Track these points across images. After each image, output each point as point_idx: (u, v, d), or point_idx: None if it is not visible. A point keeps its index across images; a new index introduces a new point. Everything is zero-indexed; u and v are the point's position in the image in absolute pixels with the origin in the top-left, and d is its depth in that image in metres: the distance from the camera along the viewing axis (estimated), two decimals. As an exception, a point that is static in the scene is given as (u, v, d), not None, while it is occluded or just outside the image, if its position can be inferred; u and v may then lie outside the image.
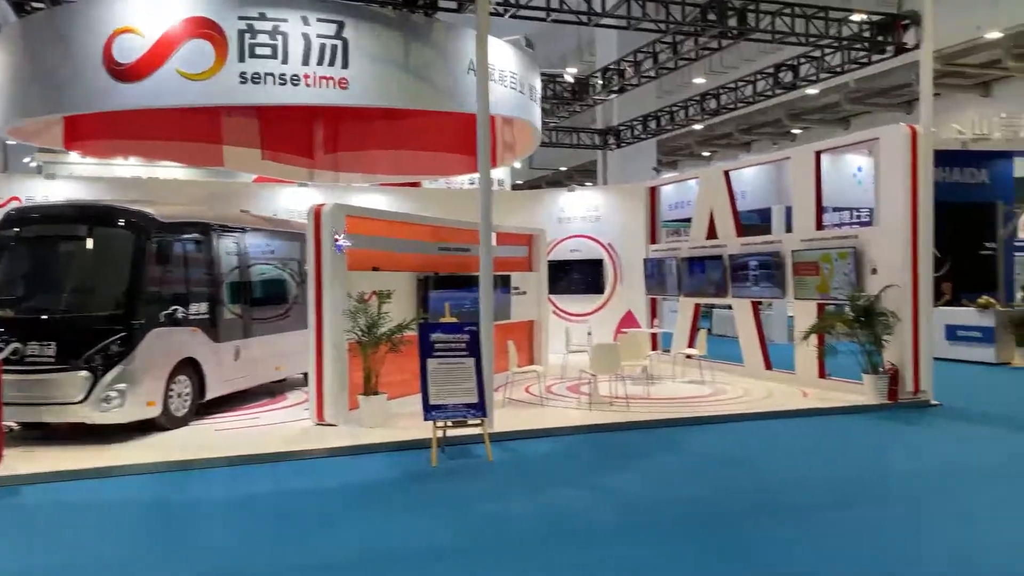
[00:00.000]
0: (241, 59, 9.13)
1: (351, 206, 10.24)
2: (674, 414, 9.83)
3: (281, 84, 9.19)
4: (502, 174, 21.23)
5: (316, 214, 9.24)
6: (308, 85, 9.24)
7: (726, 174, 14.09)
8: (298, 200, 14.56)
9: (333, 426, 9.03)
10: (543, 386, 11.36)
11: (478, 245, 9.03)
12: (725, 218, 13.96)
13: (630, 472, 7.42)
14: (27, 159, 23.76)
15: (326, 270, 9.15)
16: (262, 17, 9.08)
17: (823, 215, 12.61)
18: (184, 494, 6.81)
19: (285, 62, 9.16)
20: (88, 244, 9.06)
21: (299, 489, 6.92)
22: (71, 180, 15.20)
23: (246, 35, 9.05)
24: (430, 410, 7.73)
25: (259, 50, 9.16)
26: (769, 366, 13.14)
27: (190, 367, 9.28)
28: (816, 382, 11.87)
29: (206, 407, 9.69)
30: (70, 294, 8.86)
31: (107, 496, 6.74)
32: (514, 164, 25.46)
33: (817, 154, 12.27)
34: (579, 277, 16.74)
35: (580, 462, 7.90)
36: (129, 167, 20.54)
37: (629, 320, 16.30)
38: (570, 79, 17.02)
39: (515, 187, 29.26)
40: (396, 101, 9.88)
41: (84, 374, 8.12)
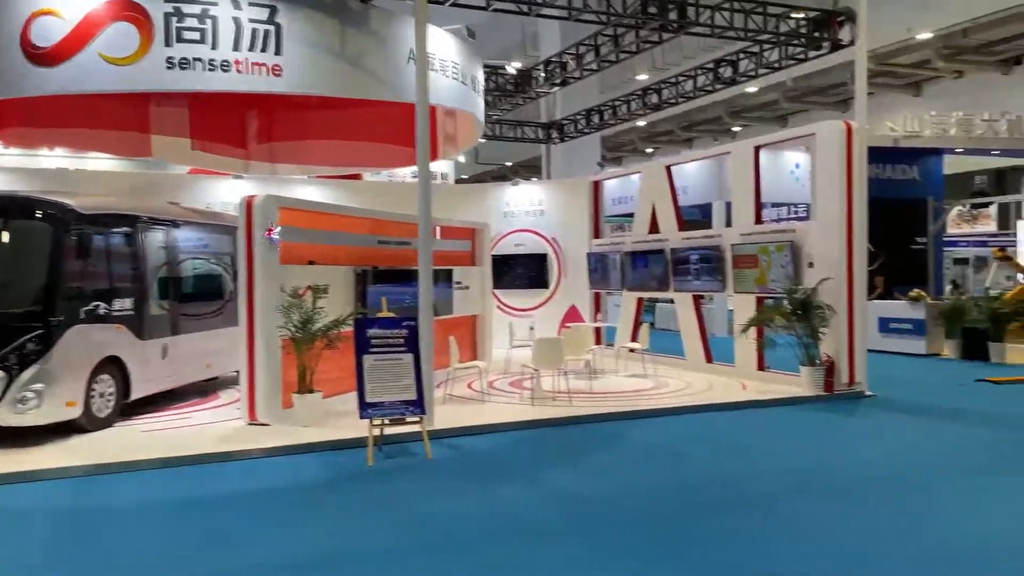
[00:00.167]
0: (168, 43, 8.74)
1: (285, 197, 9.94)
2: (616, 408, 9.81)
3: (210, 70, 8.83)
4: (446, 167, 21.00)
5: (247, 206, 8.91)
6: (239, 71, 8.90)
7: (668, 169, 14.15)
8: (234, 192, 14.08)
9: (266, 426, 8.73)
10: (485, 382, 11.22)
11: (418, 239, 8.83)
12: (667, 213, 14.03)
13: (572, 467, 7.33)
14: (-56, 149, 22.51)
15: (258, 264, 8.84)
16: (190, 0, 8.72)
17: (762, 210, 12.79)
18: (104, 499, 6.45)
19: (215, 47, 8.81)
20: (2, 237, 8.56)
21: (228, 492, 6.63)
22: (-10, 171, 14.41)
23: (173, 18, 8.67)
24: (366, 408, 7.51)
25: (187, 34, 8.78)
26: (710, 359, 13.26)
27: (113, 366, 8.86)
28: (755, 374, 12.01)
29: (132, 407, 9.27)
30: (-17, 290, 8.35)
31: (21, 502, 6.35)
32: (458, 158, 25.22)
33: (756, 149, 12.41)
34: (523, 272, 16.64)
35: (521, 458, 7.78)
36: (56, 158, 19.61)
37: (573, 315, 16.27)
38: (512, 71, 16.87)
39: (460, 181, 29.05)
40: (331, 89, 9.59)
41: (-2, 374, 7.68)
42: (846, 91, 28.47)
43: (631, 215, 16.22)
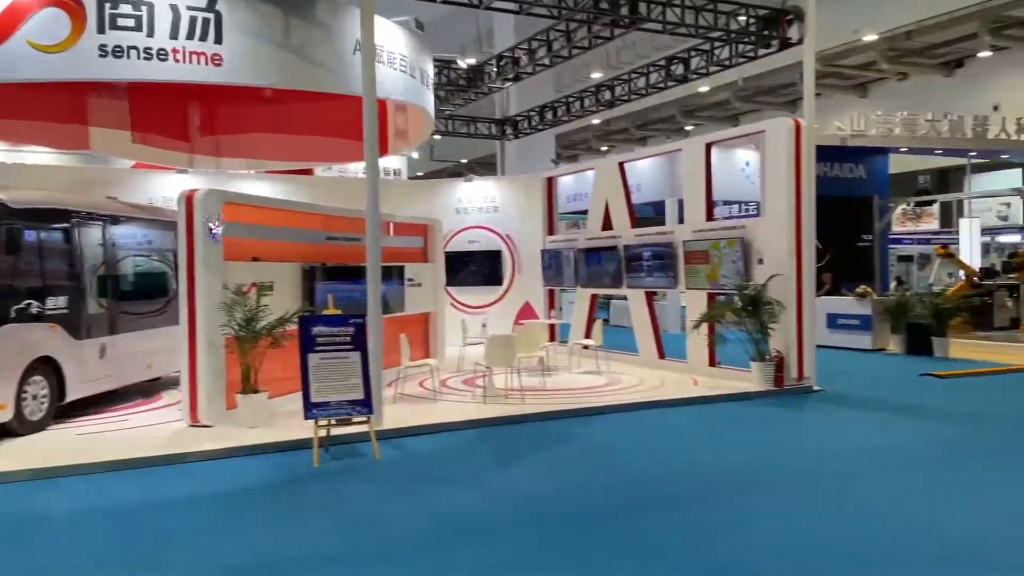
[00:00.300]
0: (101, 30, 8.41)
1: (228, 192, 9.63)
2: (569, 405, 9.74)
3: (146, 59, 8.52)
4: (399, 163, 20.75)
5: (188, 200, 8.61)
6: (177, 61, 8.61)
7: (621, 166, 14.16)
8: (179, 187, 13.55)
9: (209, 427, 8.45)
10: (437, 380, 11.07)
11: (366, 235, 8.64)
12: (620, 209, 14.03)
13: (522, 466, 7.23)
14: None
15: (199, 261, 8.54)
16: (126, -15, 8.40)
17: (714, 208, 12.87)
18: (34, 506, 6.13)
19: (151, 35, 8.50)
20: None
21: (166, 498, 6.36)
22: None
23: (106, 4, 8.35)
24: (311, 408, 7.30)
25: (121, 21, 8.46)
26: (662, 355, 13.30)
27: (47, 366, 8.46)
28: (707, 370, 12.07)
29: (69, 409, 8.89)
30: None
31: (-61, 513, 6.00)
32: (412, 154, 24.98)
33: (707, 146, 12.46)
34: (477, 268, 16.51)
35: (471, 458, 7.65)
36: (-10, 151, 18.83)
37: (527, 311, 16.20)
38: (463, 65, 16.71)
39: (415, 178, 28.78)
40: (275, 80, 9.33)
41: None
42: (795, 91, 29.00)
43: (586, 212, 16.22)
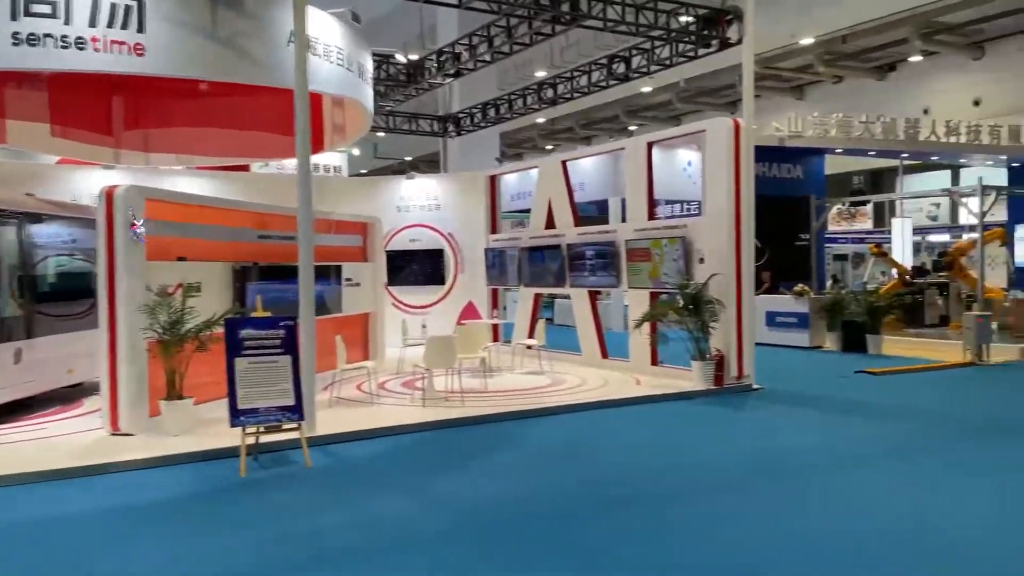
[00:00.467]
0: (14, 17, 7.91)
1: (152, 188, 9.19)
2: (510, 407, 9.57)
3: (63, 47, 8.03)
4: (338, 160, 20.29)
5: (108, 197, 8.16)
6: (96, 50, 8.13)
7: (563, 164, 14.08)
8: (105, 184, 13.00)
9: (130, 436, 8.03)
10: (375, 383, 10.79)
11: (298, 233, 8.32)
12: (563, 208, 13.95)
13: (460, 472, 7.03)
14: None
15: (120, 261, 8.10)
16: (39, -31, 7.90)
17: (657, 207, 12.88)
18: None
19: (68, 23, 8.01)
20: None
21: (81, 511, 5.97)
22: None
23: (19, -11, 7.82)
24: (238, 415, 6.98)
25: (36, 7, 7.96)
26: (606, 355, 13.27)
27: (-46, 373, 7.96)
28: (649, 369, 12.07)
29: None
30: None
31: None
32: (352, 151, 24.51)
33: (649, 145, 12.47)
34: (419, 268, 16.23)
35: (407, 464, 7.41)
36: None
37: (470, 311, 16.00)
38: (403, 60, 16.38)
39: (359, 176, 28.27)
40: (202, 72, 8.91)
41: None
42: (735, 93, 29.43)
43: (530, 211, 16.09)
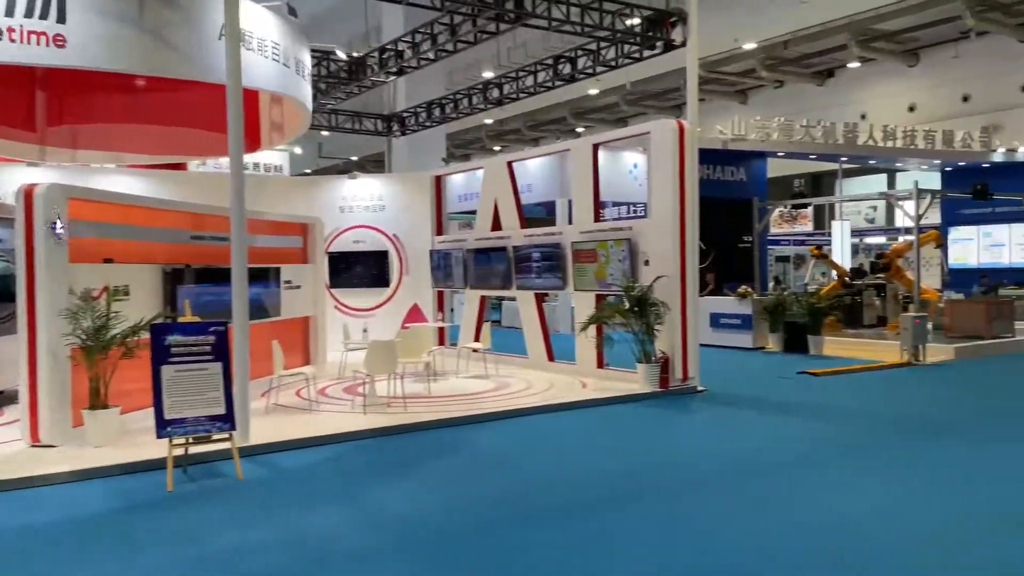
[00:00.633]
0: (-79, 3, 7.40)
1: (75, 187, 8.72)
2: (453, 412, 9.37)
3: (-24, 37, 7.55)
4: (279, 159, 19.81)
5: (27, 196, 7.70)
6: (12, 40, 7.67)
7: (509, 165, 13.93)
8: (29, 182, 12.38)
9: (52, 447, 7.59)
10: (315, 389, 10.47)
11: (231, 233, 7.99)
12: (509, 209, 13.81)
13: (399, 482, 6.80)
14: None
15: (40, 263, 7.65)
16: (-52, -48, 7.42)
17: (604, 210, 12.84)
18: None
19: (-19, 11, 7.53)
20: None
21: (-13, 533, 5.58)
22: None
23: (-75, -28, 7.33)
24: (165, 426, 6.63)
25: (-55, -7, 7.47)
26: (552, 357, 13.17)
27: None
28: (595, 372, 12.01)
29: None
30: None
31: None
32: (294, 149, 23.98)
33: (595, 146, 12.41)
34: (363, 270, 15.89)
35: (344, 474, 7.15)
36: None
37: (415, 314, 15.74)
38: (343, 56, 16.02)
39: (303, 175, 27.71)
40: (127, 65, 8.47)
41: None
42: (680, 96, 29.78)
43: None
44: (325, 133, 29.59)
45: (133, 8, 8.19)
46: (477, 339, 13.68)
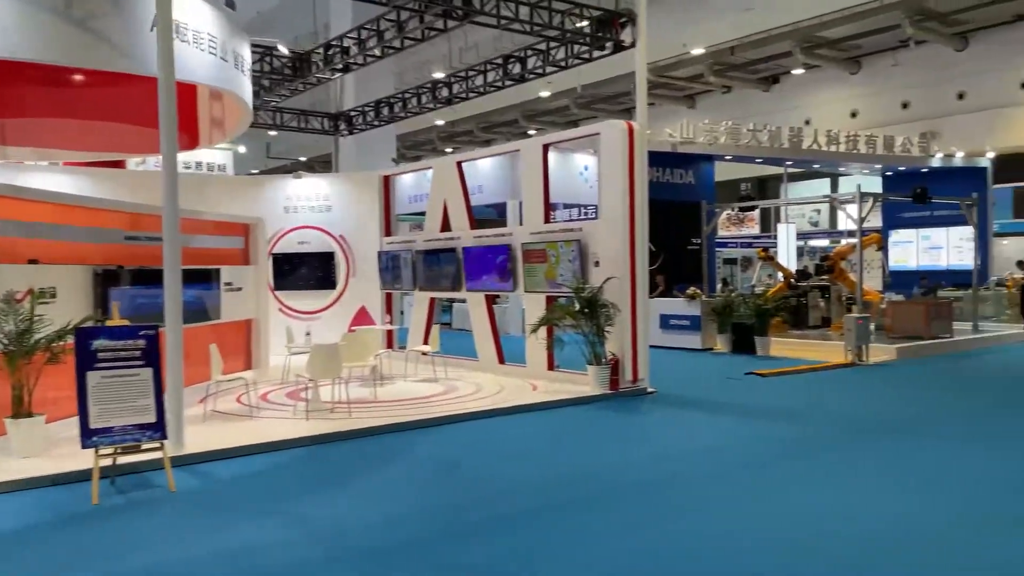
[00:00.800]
0: None
1: (-4, 184, 8.27)
2: (399, 418, 9.14)
3: None
4: (223, 158, 19.28)
5: (-59, 192, 7.27)
6: (-75, 26, 7.22)
7: (459, 165, 13.74)
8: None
9: (-31, 460, 7.15)
10: (256, 394, 10.13)
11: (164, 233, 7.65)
12: (459, 210, 13.63)
13: (337, 491, 6.55)
14: None
15: (-45, 263, 7.23)
16: None
17: (556, 212, 12.75)
18: None
19: None
20: None
21: None
22: None
23: None
24: (90, 435, 6.27)
25: None
26: (502, 360, 13.02)
27: None
28: (546, 374, 11.90)
29: None
30: None
31: None
32: (238, 148, 23.37)
33: (545, 147, 12.32)
34: (308, 271, 15.53)
35: (281, 484, 6.85)
36: None
37: (363, 316, 15.44)
38: (286, 51, 15.61)
39: (249, 175, 27.06)
40: (52, 56, 8.04)
41: None
42: (630, 100, 29.91)
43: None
44: (273, 133, 28.96)
45: (59, -4, 7.79)
46: (426, 342, 13.46)
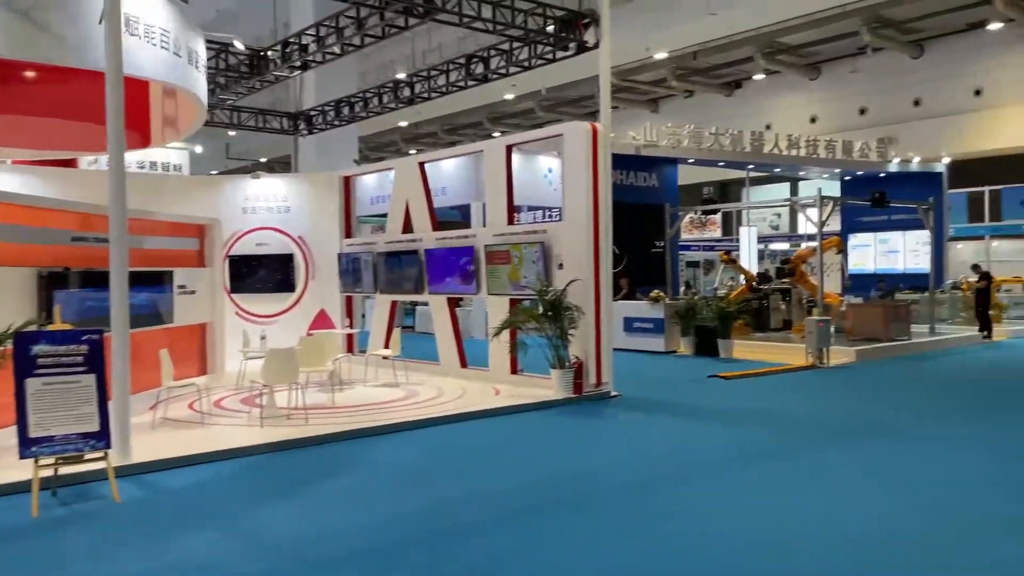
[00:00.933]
0: None
1: (-70, 181, 7.88)
2: (358, 424, 8.91)
3: None
4: (178, 158, 18.80)
5: None
6: None
7: (421, 166, 13.55)
8: None
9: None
10: (210, 400, 9.81)
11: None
12: (421, 211, 13.43)
13: (290, 501, 6.31)
14: None
15: None
16: None
17: (520, 214, 12.63)
18: None
19: None
20: None
21: None
22: None
23: None
24: (29, 444, 5.96)
25: None
26: (465, 364, 12.84)
27: None
28: (509, 378, 11.76)
29: None
30: None
31: None
32: (195, 148, 22.84)
33: (508, 148, 12.20)
34: (266, 274, 15.16)
35: (232, 494, 6.59)
36: None
37: (323, 320, 15.11)
38: (242, 48, 15.25)
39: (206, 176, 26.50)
40: (-6, 48, 7.72)
41: None
42: (595, 103, 29.93)
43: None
44: (232, 133, 28.41)
45: (0, -15, 7.45)
46: (387, 346, 13.24)
